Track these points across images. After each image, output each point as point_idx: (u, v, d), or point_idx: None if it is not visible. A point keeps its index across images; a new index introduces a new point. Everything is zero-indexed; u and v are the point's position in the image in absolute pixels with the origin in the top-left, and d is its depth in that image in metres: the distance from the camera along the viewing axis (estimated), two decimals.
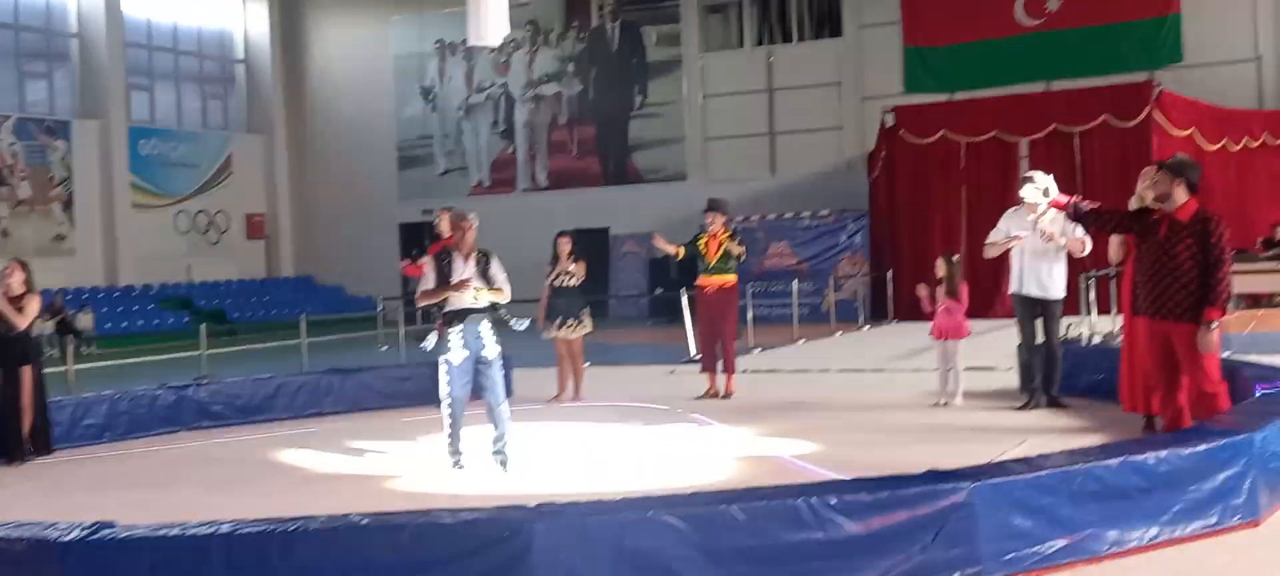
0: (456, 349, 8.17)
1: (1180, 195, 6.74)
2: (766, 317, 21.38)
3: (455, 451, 8.33)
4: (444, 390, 8.24)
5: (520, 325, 8.77)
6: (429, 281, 8.27)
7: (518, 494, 6.76)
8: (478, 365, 8.24)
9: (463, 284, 8.13)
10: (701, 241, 11.54)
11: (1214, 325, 6.61)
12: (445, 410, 8.28)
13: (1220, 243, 6.60)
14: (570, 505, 4.93)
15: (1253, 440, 5.64)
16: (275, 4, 31.67)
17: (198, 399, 11.21)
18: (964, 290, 10.52)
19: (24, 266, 9.88)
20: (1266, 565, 5.01)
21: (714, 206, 11.59)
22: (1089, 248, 9.69)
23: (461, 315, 8.19)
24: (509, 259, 11.51)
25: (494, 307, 8.34)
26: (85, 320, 23.35)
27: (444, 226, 11.09)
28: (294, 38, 32.02)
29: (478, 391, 8.31)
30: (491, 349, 8.27)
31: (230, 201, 30.66)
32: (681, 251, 11.77)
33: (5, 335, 9.58)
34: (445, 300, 8.20)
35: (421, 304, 8.57)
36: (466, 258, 8.24)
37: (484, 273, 8.24)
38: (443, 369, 8.25)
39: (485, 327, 8.28)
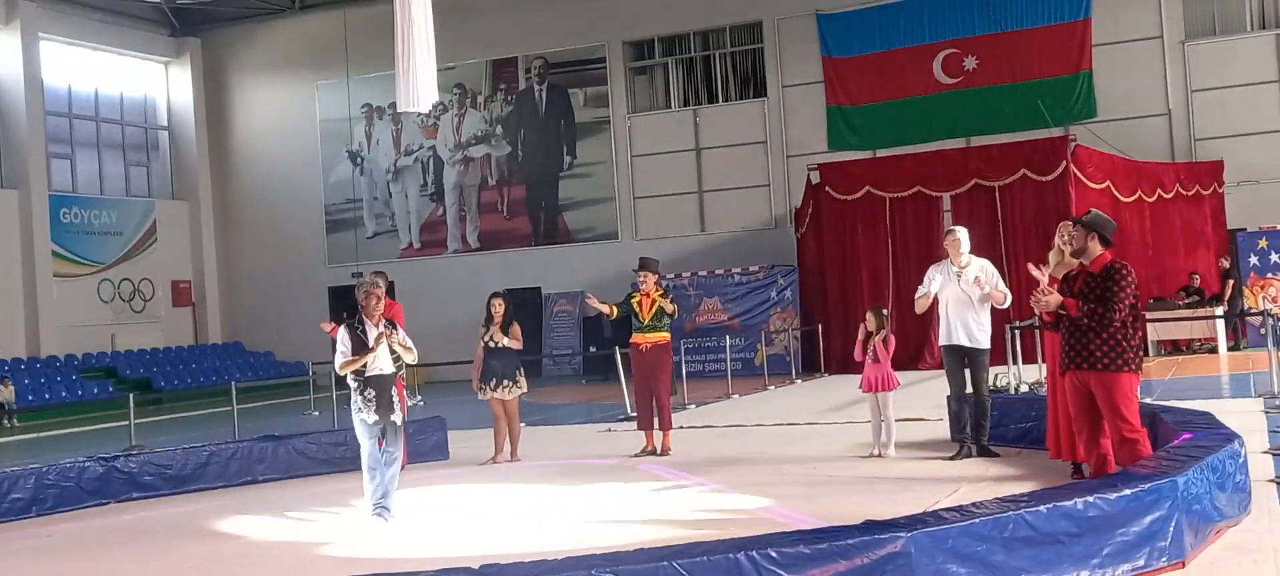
0: (369, 411, 8.71)
1: (1094, 248, 7.03)
2: (700, 373, 21.54)
3: (381, 507, 8.69)
4: (364, 449, 8.78)
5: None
6: (346, 350, 8.78)
7: (459, 555, 6.76)
8: (387, 428, 8.76)
9: (382, 337, 8.70)
10: (635, 299, 11.65)
11: (1053, 298, 7.04)
12: (367, 468, 8.77)
13: (1117, 287, 6.84)
14: (512, 565, 4.96)
15: (1176, 483, 5.82)
16: (199, 70, 31.46)
17: (128, 470, 11.03)
18: (890, 340, 10.71)
19: None
20: None
21: (646, 265, 11.73)
22: (1009, 300, 9.98)
23: (376, 380, 8.74)
24: (440, 320, 11.66)
25: (399, 368, 8.91)
26: (4, 392, 22.84)
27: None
28: (218, 103, 31.81)
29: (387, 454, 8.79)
30: (398, 415, 8.87)
31: (155, 269, 30.23)
32: (614, 310, 11.90)
33: None
34: (363, 366, 8.71)
35: (342, 371, 8.90)
36: (376, 323, 8.83)
37: (391, 331, 8.86)
38: (360, 430, 8.80)
39: (395, 393, 8.86)
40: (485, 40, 28.32)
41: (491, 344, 11.87)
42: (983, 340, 9.90)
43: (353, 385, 8.83)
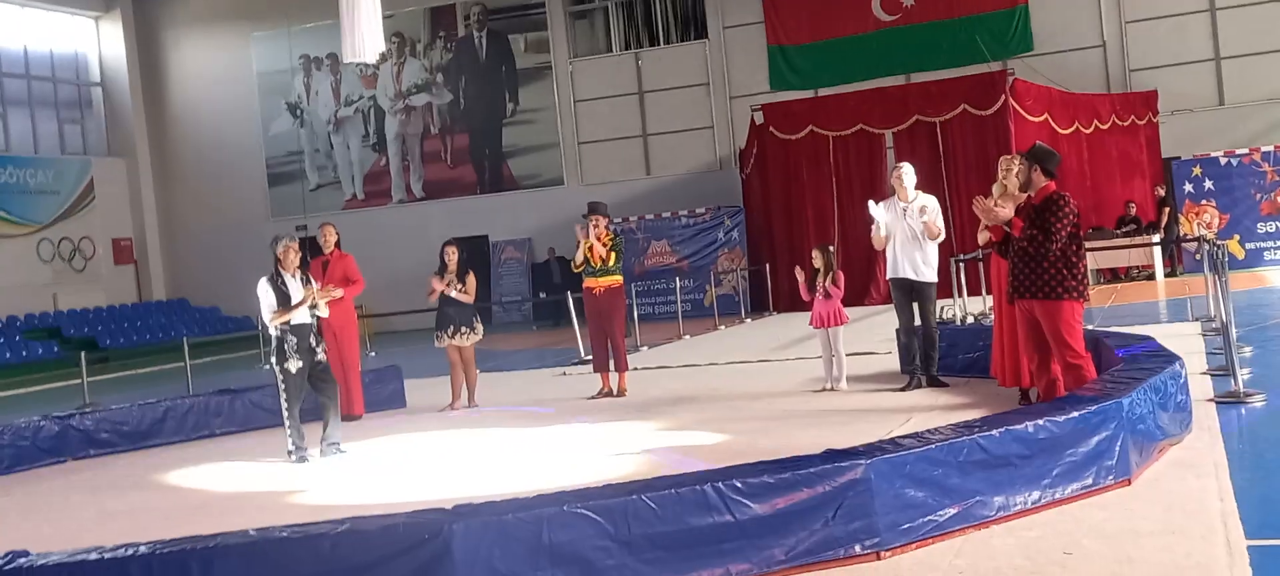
0: (294, 359, 9.39)
1: (1038, 180, 7.23)
2: (651, 316, 21.71)
3: (298, 448, 9.41)
4: (283, 397, 9.46)
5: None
6: (272, 303, 9.43)
7: (428, 499, 6.86)
8: (314, 370, 9.50)
9: (309, 295, 9.44)
10: (586, 244, 11.74)
11: (1005, 211, 7.29)
12: (287, 413, 9.44)
13: (1057, 219, 7.06)
14: (486, 504, 5.07)
15: (1121, 404, 6.05)
16: (130, 25, 30.90)
17: (83, 427, 11.00)
18: (840, 278, 10.90)
19: None
20: (1139, 518, 5.39)
21: (595, 209, 11.81)
22: (942, 236, 10.20)
23: (298, 328, 9.43)
24: (387, 270, 11.75)
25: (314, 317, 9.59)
26: None
27: (327, 240, 11.51)
28: (152, 58, 31.29)
29: (315, 390, 9.61)
30: (321, 354, 9.57)
31: (95, 227, 29.83)
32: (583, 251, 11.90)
33: None
34: (288, 317, 9.40)
35: (274, 322, 9.46)
36: (294, 275, 9.54)
37: (306, 284, 9.58)
38: (280, 378, 9.46)
39: (313, 339, 9.52)
40: None
41: (445, 292, 11.92)
42: (929, 274, 10.11)
43: (275, 334, 9.44)
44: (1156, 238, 20.91)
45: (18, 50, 29.06)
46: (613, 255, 11.63)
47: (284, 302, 9.39)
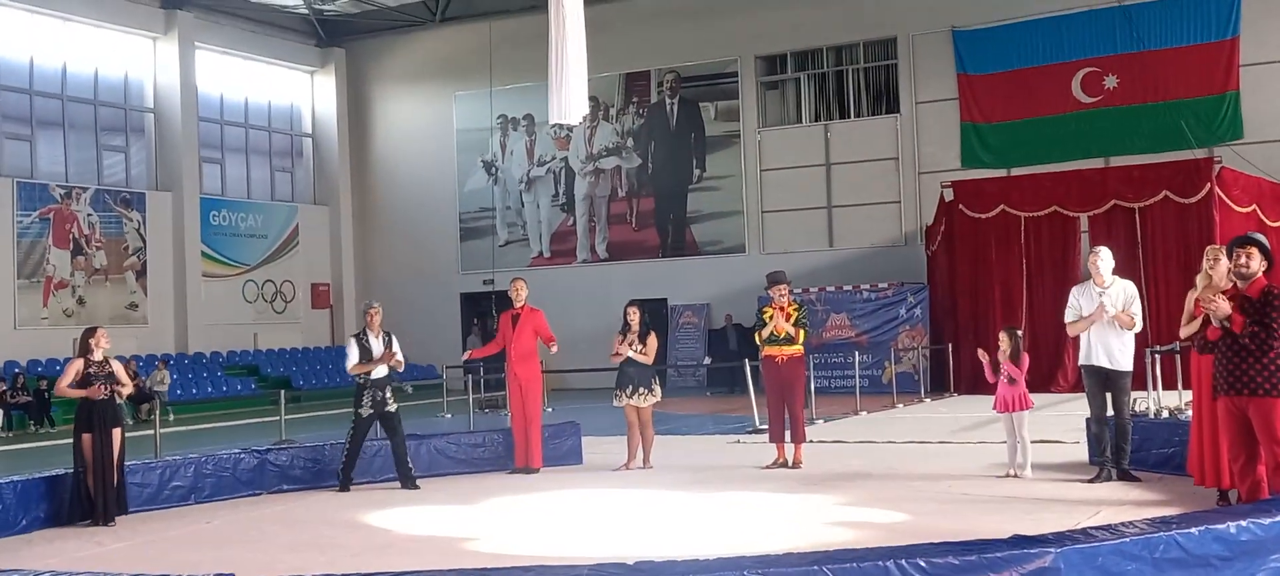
0: (365, 406, 11.23)
1: (1256, 270, 6.96)
2: (826, 389, 21.50)
3: (347, 481, 11.19)
4: (351, 434, 11.28)
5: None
6: (354, 357, 11.34)
7: (605, 554, 6.95)
8: (382, 417, 11.31)
9: (387, 357, 11.33)
10: (767, 313, 11.76)
11: (1224, 304, 6.93)
12: (346, 449, 11.29)
13: (1277, 311, 6.76)
14: (666, 563, 5.13)
15: None
16: (343, 80, 32.48)
17: (279, 463, 11.52)
18: (1025, 362, 10.64)
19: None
20: None
21: (777, 279, 11.85)
22: (1138, 326, 9.84)
23: (374, 382, 11.25)
24: (568, 329, 12.09)
25: (392, 374, 11.41)
26: (161, 381, 23.88)
27: (519, 294, 11.79)
28: (360, 112, 32.79)
29: (388, 436, 11.42)
30: (392, 404, 11.34)
31: (296, 271, 31.28)
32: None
33: (100, 399, 9.91)
34: (369, 371, 11.22)
35: (351, 372, 11.40)
36: (377, 335, 11.34)
37: (388, 346, 11.36)
38: (354, 419, 11.27)
39: (388, 391, 11.33)
40: (618, 54, 28.67)
41: (629, 353, 12.08)
42: (1124, 362, 9.80)
43: (357, 382, 11.30)
44: None
45: (239, 100, 30.84)
46: (799, 332, 11.62)
47: (366, 358, 11.25)
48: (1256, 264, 7.00)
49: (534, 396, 12.22)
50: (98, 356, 9.97)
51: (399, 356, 11.49)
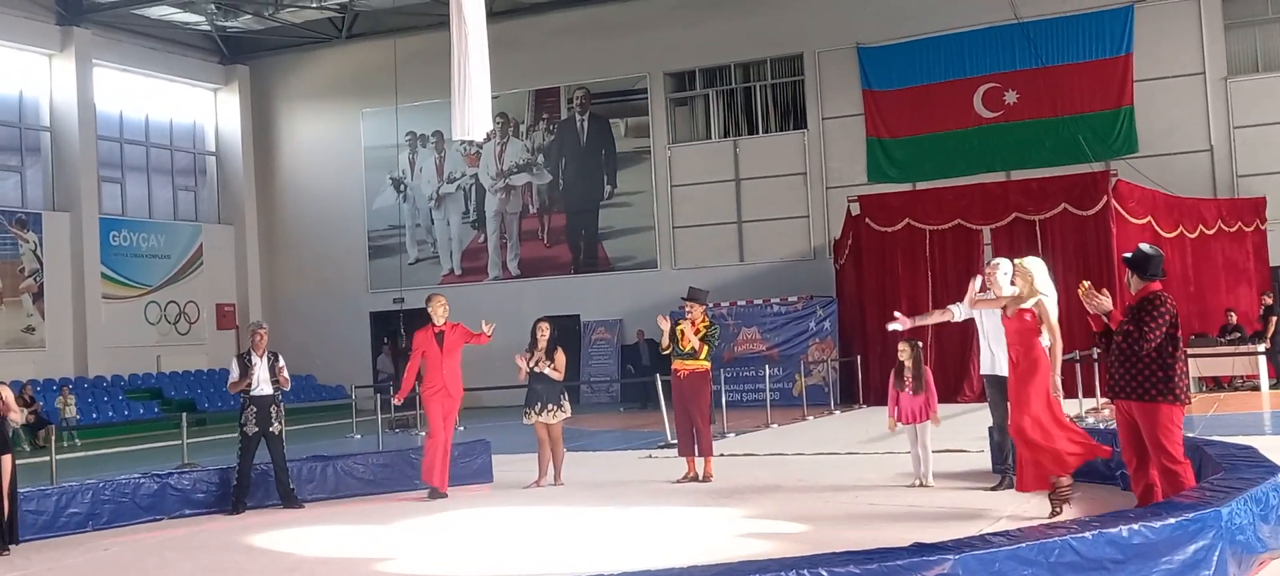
0: (250, 424, 11.31)
1: (1134, 284, 7.20)
2: (738, 403, 21.61)
3: (240, 503, 11.15)
4: (239, 454, 11.28)
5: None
6: (235, 375, 11.54)
7: (515, 572, 6.91)
8: (266, 438, 11.34)
9: (274, 369, 11.52)
10: (680, 327, 11.81)
11: (1104, 300, 7.19)
12: (237, 468, 11.27)
13: (1151, 317, 6.97)
14: None
15: (1220, 514, 5.91)
16: (247, 97, 31.98)
17: (181, 487, 11.28)
18: (928, 375, 10.83)
19: None
20: None
21: (694, 296, 11.91)
22: (1058, 340, 10.05)
23: (257, 399, 11.37)
24: (480, 346, 11.93)
25: (279, 393, 11.54)
26: (68, 407, 23.31)
27: (440, 312, 11.77)
28: (265, 130, 32.31)
29: (270, 455, 11.37)
30: (276, 426, 11.40)
31: (201, 292, 30.68)
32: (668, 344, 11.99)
33: None
34: (248, 386, 11.35)
35: (231, 389, 11.64)
36: (261, 356, 11.48)
37: (273, 365, 11.52)
38: (240, 439, 11.32)
39: (273, 411, 11.40)
40: (528, 70, 28.66)
41: (537, 369, 12.06)
42: None
43: (243, 400, 11.42)
44: (1262, 347, 20.36)
45: (140, 118, 30.19)
46: (704, 347, 11.68)
47: (245, 376, 11.43)
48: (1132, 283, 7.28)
49: (453, 418, 12.01)
50: None
51: (285, 375, 11.65)
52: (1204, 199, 23.17)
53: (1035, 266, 8.90)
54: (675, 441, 12.85)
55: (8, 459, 9.65)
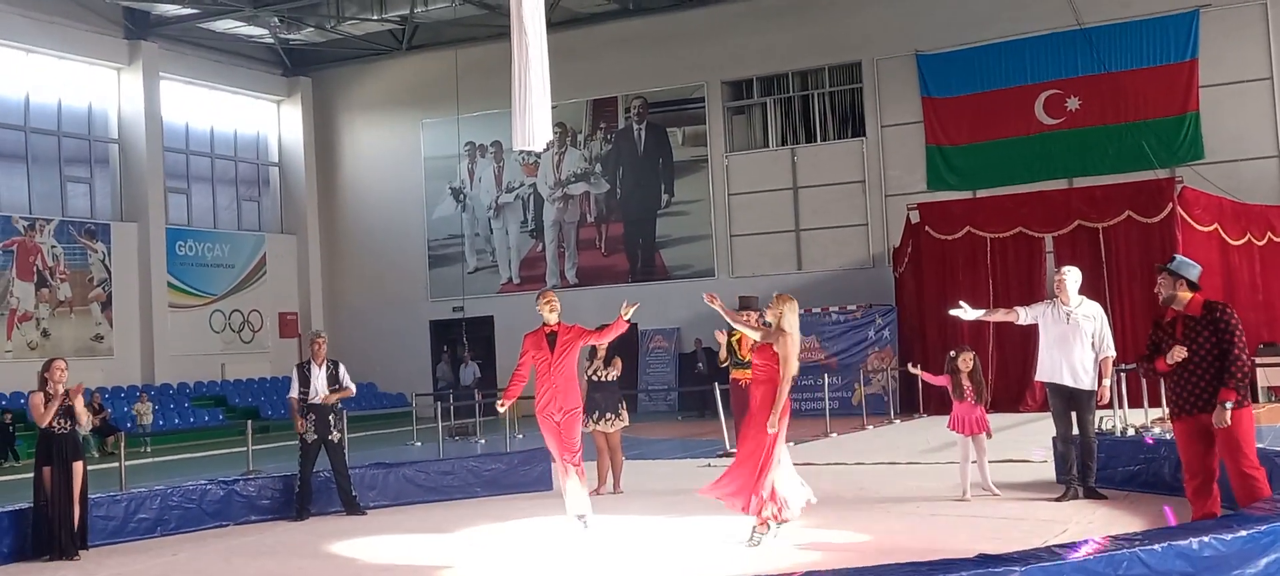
0: (309, 431, 11.34)
1: (1184, 295, 7.08)
2: (797, 412, 21.39)
3: (303, 509, 11.19)
4: (300, 464, 11.32)
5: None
6: (294, 385, 11.62)
7: None
8: (326, 446, 11.37)
9: (332, 394, 11.51)
10: (736, 337, 11.80)
11: (1229, 405, 6.87)
12: (299, 473, 11.32)
13: (1230, 327, 6.89)
14: None
15: None
16: (309, 109, 32.39)
17: (246, 493, 11.44)
18: (985, 385, 10.78)
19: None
20: None
21: (747, 306, 11.90)
22: (1112, 351, 10.06)
23: (314, 407, 11.40)
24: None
25: (340, 403, 11.68)
26: (146, 414, 23.74)
27: (547, 311, 10.70)
28: (327, 140, 32.70)
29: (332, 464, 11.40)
30: (335, 434, 11.51)
31: (264, 301, 31.10)
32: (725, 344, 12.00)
33: (60, 432, 9.81)
34: (306, 395, 11.45)
35: (290, 399, 11.70)
36: (320, 365, 11.51)
37: (334, 376, 11.54)
38: (301, 447, 11.37)
39: (332, 419, 11.49)
40: (585, 80, 28.75)
41: (595, 377, 12.11)
42: (1088, 381, 9.88)
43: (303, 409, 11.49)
44: None
45: (205, 130, 30.69)
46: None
47: (304, 386, 11.51)
48: (1165, 290, 7.16)
49: (572, 433, 10.21)
50: (56, 389, 9.87)
51: (348, 385, 11.73)
52: (1272, 205, 22.73)
53: (790, 304, 8.79)
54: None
55: (79, 465, 9.84)
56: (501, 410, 11.40)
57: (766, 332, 8.61)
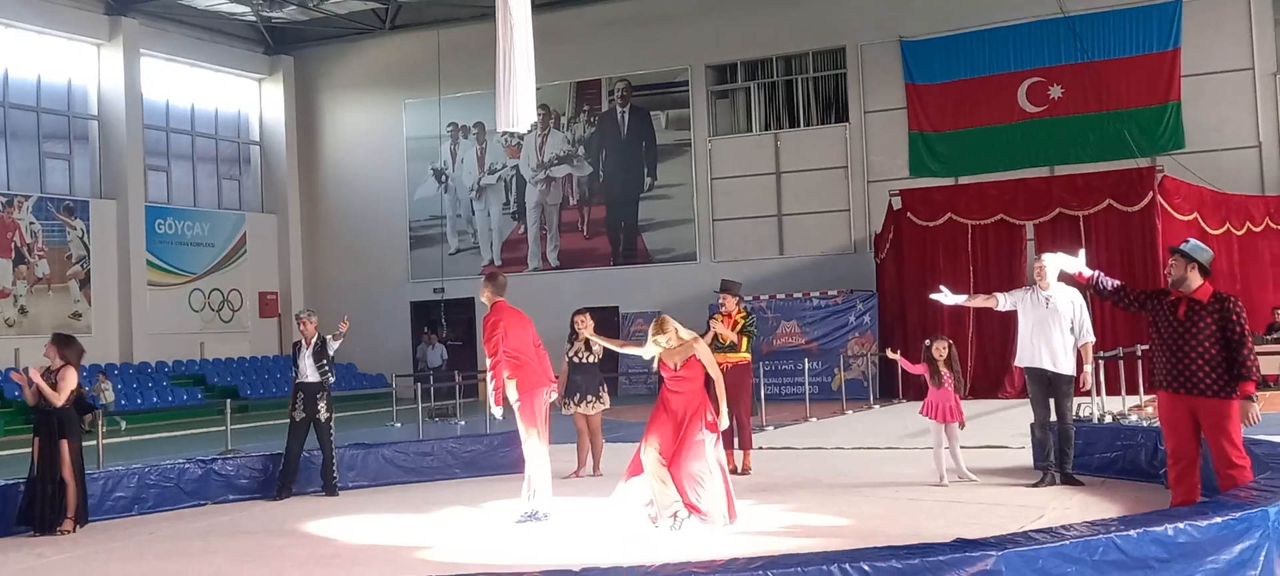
0: (297, 411, 11.41)
1: (1195, 279, 7.09)
2: (777, 396, 21.59)
3: (284, 488, 11.21)
4: (288, 441, 11.34)
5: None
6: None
7: (556, 563, 6.93)
8: (314, 424, 11.41)
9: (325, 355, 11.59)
10: (717, 320, 11.80)
11: (1254, 397, 6.92)
12: (286, 451, 11.35)
13: (1241, 320, 6.94)
14: (614, 569, 5.13)
15: (1268, 513, 5.83)
16: (291, 87, 32.22)
17: (225, 472, 11.40)
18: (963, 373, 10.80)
19: (64, 342, 10.17)
20: None
21: (728, 288, 11.90)
22: (1091, 337, 10.09)
23: (303, 386, 11.49)
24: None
25: (327, 381, 11.56)
26: (106, 392, 23.49)
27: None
28: (309, 120, 32.54)
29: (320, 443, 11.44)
30: (324, 413, 11.43)
31: (244, 280, 30.97)
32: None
33: (43, 409, 9.82)
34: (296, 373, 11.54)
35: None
36: (309, 344, 11.53)
37: (321, 351, 11.54)
38: (289, 424, 11.43)
39: (321, 397, 11.43)
40: (569, 62, 28.67)
41: (576, 359, 12.10)
42: (1067, 366, 9.92)
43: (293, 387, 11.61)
44: None
45: (186, 108, 30.49)
46: (743, 339, 11.66)
47: (294, 365, 11.60)
48: (1176, 272, 7.17)
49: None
50: (51, 365, 9.97)
51: (342, 331, 11.78)
52: (1252, 196, 22.87)
53: (669, 320, 8.83)
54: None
55: (65, 444, 9.79)
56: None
57: (670, 352, 8.56)
